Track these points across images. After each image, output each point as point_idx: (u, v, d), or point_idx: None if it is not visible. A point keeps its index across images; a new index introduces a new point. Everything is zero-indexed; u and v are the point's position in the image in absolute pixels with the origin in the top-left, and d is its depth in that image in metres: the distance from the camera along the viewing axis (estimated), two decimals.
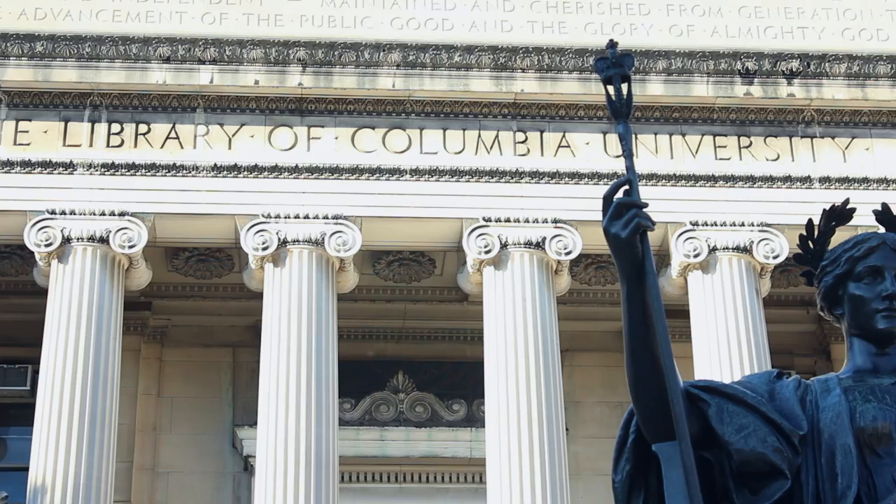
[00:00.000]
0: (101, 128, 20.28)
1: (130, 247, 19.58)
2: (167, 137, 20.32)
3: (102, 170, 19.91)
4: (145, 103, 20.42)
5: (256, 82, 20.46)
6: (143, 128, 20.36)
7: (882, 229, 6.34)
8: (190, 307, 23.03)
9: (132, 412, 21.95)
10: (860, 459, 5.81)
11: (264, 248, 19.73)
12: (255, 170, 20.13)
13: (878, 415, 5.89)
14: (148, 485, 22.12)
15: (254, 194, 20.00)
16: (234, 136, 20.42)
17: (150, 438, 22.38)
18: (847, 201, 6.43)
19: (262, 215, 19.87)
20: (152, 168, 20.01)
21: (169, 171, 20.03)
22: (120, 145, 20.21)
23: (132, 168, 19.97)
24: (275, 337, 19.30)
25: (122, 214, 19.66)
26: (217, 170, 20.10)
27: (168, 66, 20.36)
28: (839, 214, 6.39)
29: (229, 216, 20.06)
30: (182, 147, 20.29)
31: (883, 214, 6.39)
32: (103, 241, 19.48)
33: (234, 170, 20.11)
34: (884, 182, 20.66)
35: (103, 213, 19.63)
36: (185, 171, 20.07)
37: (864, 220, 7.30)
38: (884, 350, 6.13)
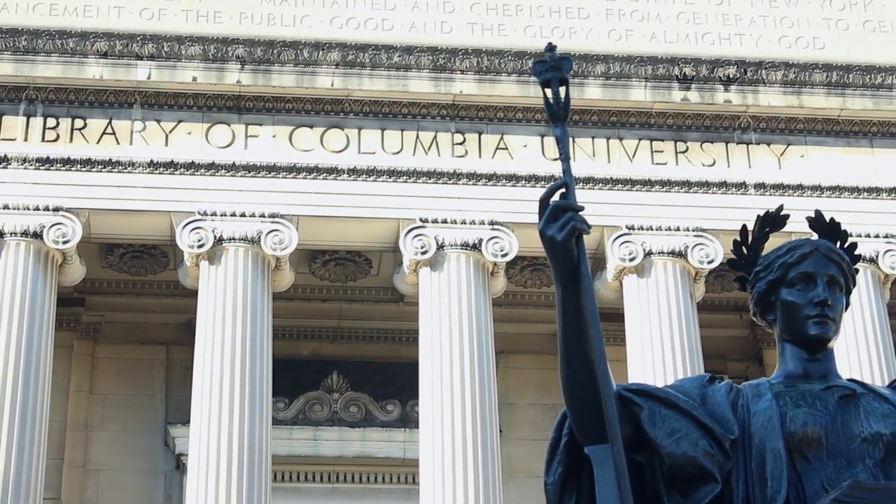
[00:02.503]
0: (37, 122, 20.12)
1: (64, 242, 19.43)
2: (103, 133, 20.18)
3: (37, 164, 19.75)
4: (81, 98, 20.28)
5: (194, 79, 20.37)
6: (78, 123, 20.22)
7: (815, 236, 6.38)
8: (124, 304, 22.88)
9: (63, 409, 21.78)
10: (790, 464, 5.83)
11: (200, 246, 19.63)
12: (192, 167, 20.03)
13: (808, 420, 5.91)
14: (79, 482, 21.96)
15: (190, 191, 19.90)
16: (170, 132, 20.31)
17: (82, 436, 22.21)
18: (781, 207, 6.45)
19: (199, 213, 19.77)
20: (88, 163, 19.86)
21: (104, 167, 19.89)
22: (55, 140, 20.05)
23: (67, 163, 19.82)
24: (209, 335, 19.22)
25: (56, 210, 19.51)
26: (153, 166, 19.99)
27: (105, 62, 20.22)
28: (773, 220, 6.41)
29: (165, 213, 19.95)
30: (118, 143, 20.16)
31: (816, 221, 6.42)
32: (37, 236, 19.32)
33: (171, 166, 20.01)
34: (818, 189, 20.83)
35: (37, 208, 19.47)
36: (120, 167, 19.94)
37: (798, 226, 7.36)
38: (815, 356, 6.16)
